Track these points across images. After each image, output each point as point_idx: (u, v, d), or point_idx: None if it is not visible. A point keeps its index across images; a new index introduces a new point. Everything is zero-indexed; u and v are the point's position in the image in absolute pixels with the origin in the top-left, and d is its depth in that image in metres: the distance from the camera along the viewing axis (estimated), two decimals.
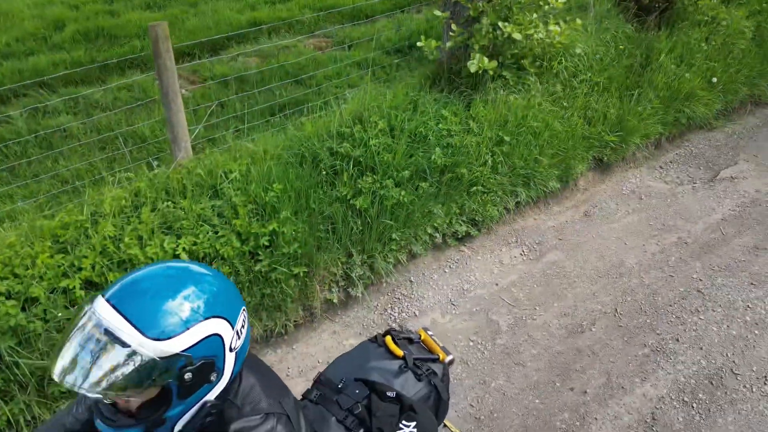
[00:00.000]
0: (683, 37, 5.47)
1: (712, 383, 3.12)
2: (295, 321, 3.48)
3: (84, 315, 1.13)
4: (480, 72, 4.37)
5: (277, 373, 1.49)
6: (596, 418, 2.95)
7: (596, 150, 4.81)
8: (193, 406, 1.19)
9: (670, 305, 3.65)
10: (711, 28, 5.63)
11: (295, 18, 6.84)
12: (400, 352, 1.83)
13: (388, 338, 1.89)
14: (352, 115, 4.23)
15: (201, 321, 1.15)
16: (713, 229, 4.33)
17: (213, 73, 5.75)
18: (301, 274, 3.39)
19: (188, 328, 1.13)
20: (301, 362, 3.32)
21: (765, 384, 3.10)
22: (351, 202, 3.73)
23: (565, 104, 4.71)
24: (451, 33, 4.44)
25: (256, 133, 4.48)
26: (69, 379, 1.09)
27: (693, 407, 3.00)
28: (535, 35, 4.46)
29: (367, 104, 4.28)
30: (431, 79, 4.80)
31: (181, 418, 1.19)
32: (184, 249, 3.11)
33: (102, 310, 1.11)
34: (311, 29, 6.78)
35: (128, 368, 1.08)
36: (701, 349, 3.33)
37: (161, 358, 1.09)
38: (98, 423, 1.17)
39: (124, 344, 1.08)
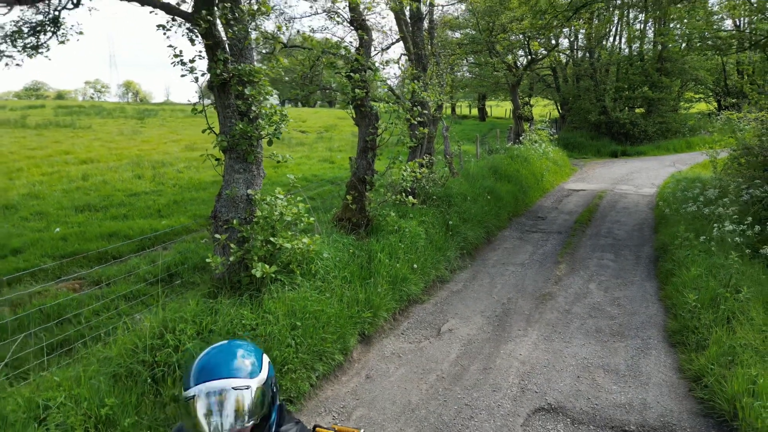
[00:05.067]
0: (386, 241, 7.56)
1: None
2: None
3: (198, 401, 1.66)
4: (261, 277, 5.32)
5: None
6: None
7: (359, 326, 6.03)
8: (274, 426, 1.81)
9: (454, 419, 4.76)
10: (400, 234, 7.94)
11: (37, 267, 6.68)
12: None
13: (318, 429, 2.44)
14: (154, 331, 4.55)
15: (262, 360, 1.85)
16: (455, 364, 5.82)
17: None
18: None
19: (261, 366, 1.82)
20: None
21: None
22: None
23: (327, 295, 5.92)
24: (231, 250, 5.36)
25: (44, 371, 4.28)
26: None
27: None
28: (297, 245, 5.74)
29: (168, 318, 4.67)
30: (213, 293, 5.47)
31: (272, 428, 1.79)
32: None
33: (210, 386, 1.68)
34: (57, 275, 6.70)
35: (253, 399, 1.70)
36: None
37: (263, 384, 1.74)
38: None
39: (244, 387, 1.69)
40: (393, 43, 12.43)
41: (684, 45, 27.13)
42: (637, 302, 7.56)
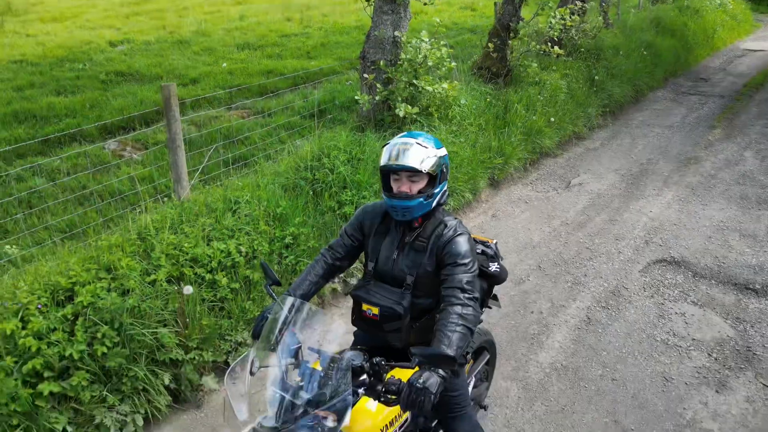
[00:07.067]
0: (525, 93, 7.51)
1: (614, 294, 4.57)
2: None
3: (389, 147, 2.22)
4: (403, 117, 5.73)
5: None
6: (554, 324, 4.18)
7: (489, 171, 6.38)
8: (439, 195, 2.26)
9: (573, 258, 5.14)
10: (540, 86, 7.80)
11: (211, 95, 7.71)
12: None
13: None
14: (313, 154, 5.25)
15: (441, 145, 2.27)
16: (581, 213, 6.04)
17: (156, 140, 6.33)
18: None
19: (440, 146, 2.26)
20: None
21: (644, 290, 4.63)
22: (338, 212, 4.69)
23: (462, 139, 6.25)
24: (377, 90, 5.78)
25: (228, 178, 5.23)
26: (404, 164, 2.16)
27: (608, 309, 4.39)
28: (437, 90, 5.99)
29: (324, 145, 5.34)
30: (360, 128, 6.03)
31: (435, 199, 2.24)
32: (235, 249, 3.79)
33: (401, 140, 2.22)
34: (227, 103, 7.69)
35: (431, 157, 2.18)
36: (601, 278, 4.81)
37: (439, 156, 2.21)
38: (394, 202, 2.19)
39: (424, 147, 2.19)
40: None
41: None
42: None
